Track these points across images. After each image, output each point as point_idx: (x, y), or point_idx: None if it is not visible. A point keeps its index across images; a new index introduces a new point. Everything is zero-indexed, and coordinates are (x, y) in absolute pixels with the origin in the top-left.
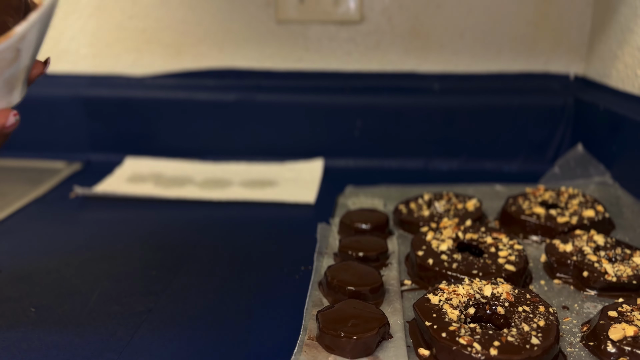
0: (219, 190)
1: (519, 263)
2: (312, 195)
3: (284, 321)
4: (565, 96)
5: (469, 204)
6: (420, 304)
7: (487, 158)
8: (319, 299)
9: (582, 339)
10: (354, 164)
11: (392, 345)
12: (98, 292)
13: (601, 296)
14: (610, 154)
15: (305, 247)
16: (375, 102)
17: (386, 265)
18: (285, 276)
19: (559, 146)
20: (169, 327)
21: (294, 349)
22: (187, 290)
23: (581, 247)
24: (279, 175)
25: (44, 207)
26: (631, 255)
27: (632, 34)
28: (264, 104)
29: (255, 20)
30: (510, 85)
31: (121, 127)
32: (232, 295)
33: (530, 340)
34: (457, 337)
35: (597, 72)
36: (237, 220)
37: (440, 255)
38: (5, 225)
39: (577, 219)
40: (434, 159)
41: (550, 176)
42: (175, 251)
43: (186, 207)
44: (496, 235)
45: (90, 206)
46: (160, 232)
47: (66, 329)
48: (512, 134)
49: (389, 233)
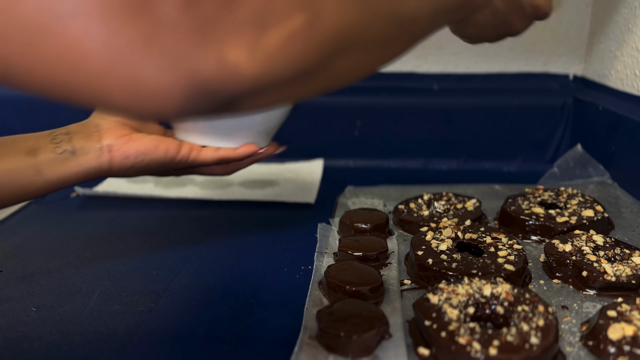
0: (220, 190)
1: (518, 263)
2: (312, 195)
3: (284, 321)
4: (565, 96)
5: (469, 204)
6: (419, 304)
7: (486, 158)
8: (319, 299)
9: (581, 338)
10: (354, 164)
11: (391, 345)
12: (99, 292)
13: (600, 296)
14: (609, 154)
15: (305, 247)
16: (375, 102)
17: (386, 265)
18: (285, 276)
19: (558, 146)
20: (169, 327)
21: (294, 349)
22: (187, 289)
23: (580, 247)
24: (279, 175)
25: (45, 206)
26: (630, 255)
27: (631, 34)
28: None
29: None
30: (509, 86)
31: None
32: (232, 295)
33: (529, 340)
34: (456, 337)
35: (596, 72)
36: (237, 220)
37: (440, 255)
38: (6, 225)
39: (576, 219)
40: (434, 159)
41: (550, 176)
42: (175, 251)
43: (187, 206)
44: (495, 235)
45: (91, 206)
46: (160, 232)
47: (67, 328)
48: (512, 134)
49: (389, 233)
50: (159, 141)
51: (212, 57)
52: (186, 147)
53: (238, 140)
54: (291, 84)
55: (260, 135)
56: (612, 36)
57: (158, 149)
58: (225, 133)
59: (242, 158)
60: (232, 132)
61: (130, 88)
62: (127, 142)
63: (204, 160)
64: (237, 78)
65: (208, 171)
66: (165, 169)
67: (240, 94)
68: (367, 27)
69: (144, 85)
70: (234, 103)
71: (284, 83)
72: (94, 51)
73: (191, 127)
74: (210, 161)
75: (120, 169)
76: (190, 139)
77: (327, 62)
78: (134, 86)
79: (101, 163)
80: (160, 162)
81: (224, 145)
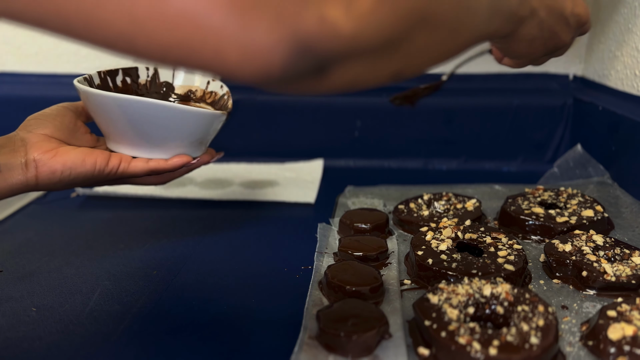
0: (220, 190)
1: (518, 263)
2: (312, 195)
3: (284, 320)
4: (565, 96)
5: (469, 204)
6: (419, 304)
7: (486, 158)
8: (319, 299)
9: (581, 338)
10: (354, 164)
11: (391, 345)
12: (99, 292)
13: (600, 296)
14: (609, 154)
15: (305, 247)
16: (375, 102)
17: (386, 265)
18: (285, 276)
19: (558, 146)
20: (169, 327)
21: (294, 348)
22: (187, 289)
23: (580, 247)
24: (279, 175)
25: (45, 206)
26: (630, 255)
27: (631, 34)
28: (265, 104)
29: None
30: (509, 86)
31: None
32: (233, 295)
33: (529, 340)
34: (456, 337)
35: (596, 72)
36: (237, 220)
37: (440, 255)
38: (7, 225)
39: (576, 219)
40: (434, 159)
41: (550, 176)
42: (175, 251)
43: (187, 206)
44: (495, 235)
45: (91, 206)
46: (161, 232)
47: (67, 328)
48: (512, 134)
49: (389, 233)
50: (86, 154)
51: (314, 15)
52: (115, 159)
53: (169, 151)
54: (376, 55)
55: (192, 146)
56: (612, 36)
57: (86, 162)
58: (156, 144)
59: (174, 169)
60: (163, 142)
61: (243, 46)
62: (53, 156)
63: (134, 171)
64: (335, 36)
65: (141, 181)
66: (95, 181)
67: (335, 55)
68: (441, 6)
69: (255, 43)
70: (326, 67)
71: (372, 51)
72: (210, 10)
73: (121, 138)
74: (140, 172)
75: (47, 184)
76: (120, 150)
77: (408, 35)
78: (245, 45)
79: (27, 179)
80: (88, 175)
81: (155, 157)
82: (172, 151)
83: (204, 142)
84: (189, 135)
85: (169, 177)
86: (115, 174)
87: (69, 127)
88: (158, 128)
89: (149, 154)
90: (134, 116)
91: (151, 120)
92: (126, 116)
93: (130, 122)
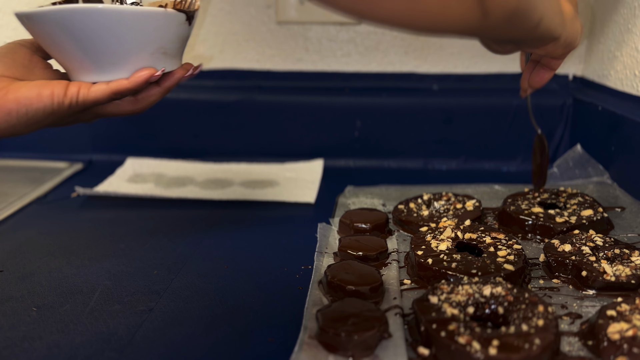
0: (220, 190)
1: (518, 263)
2: (312, 195)
3: (284, 321)
4: (564, 96)
5: (468, 204)
6: (419, 303)
7: (486, 158)
8: (319, 298)
9: (580, 338)
10: (353, 164)
11: (391, 344)
12: (99, 292)
13: (600, 296)
14: (609, 154)
15: (305, 246)
16: (375, 103)
17: (386, 265)
18: (285, 275)
19: (558, 146)
20: (170, 327)
21: (294, 348)
22: (187, 289)
23: (580, 247)
24: (279, 175)
25: (46, 206)
26: (630, 255)
27: (631, 34)
28: (265, 104)
29: (256, 22)
30: (509, 86)
31: (122, 127)
32: (233, 295)
33: (529, 340)
34: (456, 336)
35: (595, 72)
36: (237, 220)
37: (440, 255)
38: (7, 225)
39: (576, 219)
40: (433, 159)
41: (549, 176)
42: (176, 251)
43: (187, 206)
44: (495, 235)
45: (91, 206)
46: (161, 232)
47: (67, 328)
48: (511, 134)
49: (389, 232)
50: (41, 87)
51: None
52: (74, 87)
53: (129, 67)
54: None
55: (154, 58)
56: (612, 36)
57: (42, 95)
58: (111, 61)
59: (138, 86)
60: (119, 58)
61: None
62: (4, 95)
63: (95, 97)
64: None
65: (115, 111)
66: (60, 116)
67: None
68: None
69: None
70: None
71: None
72: None
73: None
74: (103, 97)
75: (6, 128)
76: (79, 79)
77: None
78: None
79: None
80: (48, 110)
81: (115, 77)
82: (132, 67)
83: (169, 52)
84: (146, 44)
85: (144, 101)
86: (77, 104)
87: (22, 64)
88: (107, 40)
89: (108, 75)
90: (75, 30)
91: (96, 31)
92: (68, 32)
93: (74, 39)
